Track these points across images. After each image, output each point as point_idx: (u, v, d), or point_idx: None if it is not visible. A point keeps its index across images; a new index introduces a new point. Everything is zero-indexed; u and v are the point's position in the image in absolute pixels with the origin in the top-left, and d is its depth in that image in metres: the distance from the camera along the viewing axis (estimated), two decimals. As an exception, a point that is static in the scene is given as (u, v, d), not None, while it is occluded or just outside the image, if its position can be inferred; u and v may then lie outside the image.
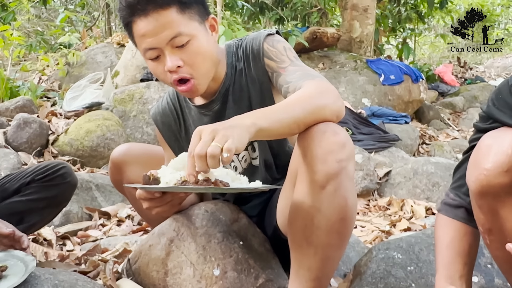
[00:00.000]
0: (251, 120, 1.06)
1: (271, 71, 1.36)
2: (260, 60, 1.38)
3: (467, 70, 10.06)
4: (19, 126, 3.47)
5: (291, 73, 1.30)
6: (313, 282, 1.20)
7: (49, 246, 2.02)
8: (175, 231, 1.44)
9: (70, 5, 9.58)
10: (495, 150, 0.91)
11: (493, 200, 0.94)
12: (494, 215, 0.96)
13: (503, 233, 0.96)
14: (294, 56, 1.37)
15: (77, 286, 1.26)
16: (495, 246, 1.01)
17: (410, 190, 3.16)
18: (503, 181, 0.91)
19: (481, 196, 0.95)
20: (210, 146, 0.96)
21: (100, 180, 2.80)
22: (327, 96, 1.20)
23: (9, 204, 1.64)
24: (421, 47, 12.45)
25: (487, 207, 0.96)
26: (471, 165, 0.97)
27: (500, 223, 0.96)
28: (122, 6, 1.27)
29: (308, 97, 1.17)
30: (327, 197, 1.13)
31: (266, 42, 1.38)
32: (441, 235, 1.11)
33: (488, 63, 11.99)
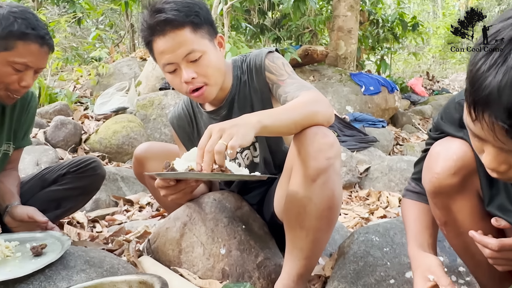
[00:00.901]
0: (257, 118, 1.07)
1: (271, 83, 1.37)
2: (262, 73, 1.38)
3: (434, 83, 10.06)
4: (57, 127, 3.47)
5: (289, 85, 1.31)
6: (304, 260, 1.20)
7: (82, 228, 2.02)
8: (188, 216, 1.44)
9: (100, 25, 9.57)
10: (443, 157, 0.92)
11: (445, 198, 0.95)
12: (447, 210, 0.97)
13: (457, 224, 0.97)
14: (291, 70, 1.37)
15: (105, 261, 1.26)
16: (451, 235, 1.02)
17: (386, 183, 3.17)
18: (452, 182, 0.92)
19: (435, 195, 0.96)
20: (217, 144, 0.97)
21: (124, 173, 2.80)
22: (320, 104, 1.20)
23: (48, 192, 1.65)
24: (396, 63, 12.44)
25: (441, 204, 0.96)
26: (425, 170, 0.98)
27: (453, 216, 0.96)
28: (143, 28, 1.28)
29: (304, 104, 1.18)
30: (317, 189, 1.14)
31: (267, 58, 1.38)
32: (408, 213, 1.11)
33: (452, 77, 11.99)
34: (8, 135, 1.53)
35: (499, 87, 0.60)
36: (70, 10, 7.02)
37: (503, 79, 0.59)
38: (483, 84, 0.61)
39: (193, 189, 1.33)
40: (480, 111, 0.64)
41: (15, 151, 1.59)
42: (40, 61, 1.37)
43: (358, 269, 1.33)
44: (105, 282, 1.02)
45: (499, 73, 0.60)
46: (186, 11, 1.24)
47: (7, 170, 1.60)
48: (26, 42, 1.30)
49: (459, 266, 1.32)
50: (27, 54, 1.31)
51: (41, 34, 1.33)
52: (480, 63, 0.63)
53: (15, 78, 1.33)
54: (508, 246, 0.84)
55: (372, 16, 7.64)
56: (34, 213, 1.42)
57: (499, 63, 0.60)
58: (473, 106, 0.65)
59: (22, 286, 1.08)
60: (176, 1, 1.25)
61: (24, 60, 1.31)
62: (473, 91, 0.64)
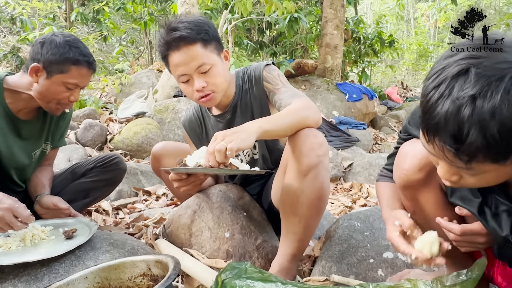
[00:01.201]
0: (259, 124, 1.09)
1: (268, 91, 1.37)
2: (260, 83, 1.38)
3: (408, 91, 10.04)
4: (86, 128, 3.46)
5: (283, 93, 1.31)
6: (297, 242, 1.20)
7: (107, 215, 2.02)
8: (197, 205, 1.44)
9: (123, 41, 9.56)
10: (410, 155, 0.92)
11: (413, 191, 0.95)
12: (415, 201, 0.97)
13: (424, 213, 0.97)
14: (285, 80, 1.38)
15: (127, 244, 1.26)
16: (420, 222, 1.01)
17: (367, 177, 3.16)
18: (418, 177, 0.92)
19: (404, 188, 0.96)
20: (217, 144, 0.99)
21: (143, 168, 2.80)
22: (310, 110, 1.21)
23: (78, 184, 1.65)
24: (375, 74, 12.42)
25: (410, 196, 0.97)
26: (395, 167, 0.98)
27: (421, 206, 0.97)
28: (161, 43, 1.28)
29: (296, 110, 1.19)
30: (308, 182, 1.14)
31: (265, 70, 1.38)
32: (382, 189, 1.11)
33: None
34: (47, 136, 1.54)
35: (445, 117, 0.61)
36: (97, 29, 7.00)
37: (449, 109, 0.60)
38: (433, 114, 0.63)
39: (201, 182, 1.33)
40: (432, 136, 0.65)
41: (52, 150, 1.60)
42: (86, 81, 1.42)
43: (342, 250, 1.33)
44: (127, 261, 1.01)
45: (445, 104, 0.61)
46: (198, 29, 1.24)
47: (43, 165, 1.60)
48: (79, 66, 1.35)
49: (429, 247, 1.32)
50: (78, 76, 1.36)
51: (90, 61, 1.38)
52: (430, 94, 0.63)
53: (66, 95, 1.37)
54: (469, 231, 0.85)
55: (355, 34, 7.63)
56: (59, 201, 1.43)
57: (445, 96, 0.61)
58: (426, 131, 0.66)
59: (56, 264, 1.08)
60: (188, 21, 1.25)
61: (76, 81, 1.36)
62: (425, 118, 0.65)
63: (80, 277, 0.97)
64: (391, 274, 1.23)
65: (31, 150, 1.48)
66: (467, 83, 0.60)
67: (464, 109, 0.59)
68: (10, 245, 1.16)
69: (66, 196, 1.57)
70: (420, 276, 1.14)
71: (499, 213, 0.81)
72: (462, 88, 0.60)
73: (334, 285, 1.20)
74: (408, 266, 1.26)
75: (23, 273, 1.05)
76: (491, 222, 0.82)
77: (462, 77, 0.61)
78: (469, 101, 0.59)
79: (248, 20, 5.90)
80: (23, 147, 1.45)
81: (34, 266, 1.06)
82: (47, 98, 1.37)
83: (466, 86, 0.60)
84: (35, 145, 1.50)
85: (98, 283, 0.98)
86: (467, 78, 0.60)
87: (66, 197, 1.56)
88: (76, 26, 7.97)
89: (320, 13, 6.66)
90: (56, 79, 1.34)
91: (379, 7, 17.31)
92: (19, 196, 1.51)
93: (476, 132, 0.59)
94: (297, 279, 1.27)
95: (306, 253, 1.43)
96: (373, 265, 1.26)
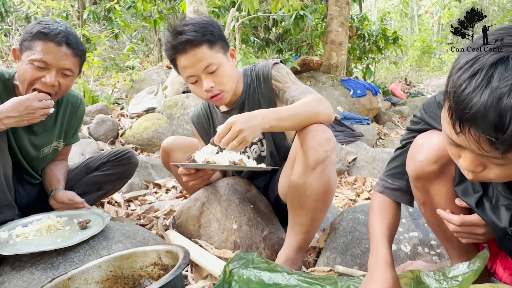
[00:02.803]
0: (269, 119, 1.11)
1: (277, 89, 1.35)
2: (268, 81, 1.37)
3: (411, 87, 9.94)
4: (98, 123, 3.48)
5: (293, 90, 1.30)
6: (303, 234, 1.20)
7: (119, 207, 2.04)
8: (206, 197, 1.44)
9: (133, 39, 9.57)
10: (426, 147, 0.91)
11: (425, 182, 0.94)
12: (426, 192, 0.96)
13: (433, 204, 0.96)
14: (294, 78, 1.36)
15: (138, 234, 1.27)
16: (428, 214, 1.01)
17: (370, 171, 3.14)
18: (432, 169, 0.90)
19: (417, 179, 0.95)
20: (231, 144, 1.04)
21: (154, 161, 2.81)
22: (321, 106, 1.20)
23: (92, 177, 1.66)
24: (379, 71, 12.30)
25: (421, 187, 0.95)
26: (409, 158, 0.96)
27: (431, 197, 0.96)
28: (168, 48, 1.27)
29: (308, 104, 1.18)
30: (316, 176, 1.13)
31: (273, 69, 1.37)
32: (373, 213, 1.04)
33: (426, 82, 11.82)
34: (59, 134, 1.53)
35: (485, 106, 0.58)
36: (108, 27, 7.01)
37: (489, 99, 0.58)
38: (470, 104, 0.60)
39: (209, 176, 1.34)
40: (466, 127, 0.62)
41: (65, 146, 1.60)
42: (59, 60, 1.26)
43: (346, 242, 1.32)
44: (138, 251, 1.02)
45: (484, 94, 0.58)
46: (203, 31, 1.22)
47: (57, 160, 1.61)
48: (44, 41, 1.24)
49: (431, 240, 1.32)
50: (43, 51, 1.24)
51: (59, 36, 1.24)
52: (464, 85, 0.61)
53: (37, 75, 1.25)
54: (468, 222, 0.85)
55: (359, 31, 7.55)
56: (73, 196, 1.44)
57: (482, 86, 0.59)
58: (459, 122, 0.63)
59: (71, 253, 1.10)
60: (193, 23, 1.24)
61: (40, 57, 1.23)
62: (460, 109, 0.62)
63: (94, 265, 0.98)
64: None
65: (41, 145, 1.47)
66: (508, 71, 0.58)
67: (506, 98, 0.57)
68: (27, 235, 1.17)
69: (81, 189, 1.59)
70: (423, 267, 1.14)
71: (499, 206, 0.80)
72: (503, 76, 0.58)
73: (339, 275, 1.21)
74: (410, 258, 1.26)
75: (40, 262, 1.06)
76: (490, 214, 0.81)
77: (501, 65, 0.59)
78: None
79: (255, 18, 5.86)
80: (33, 142, 1.44)
81: (50, 255, 1.08)
82: (22, 83, 1.27)
83: (507, 73, 0.58)
84: (45, 141, 1.49)
85: (111, 271, 1.00)
86: (507, 66, 0.58)
87: (81, 190, 1.58)
88: (88, 24, 7.99)
89: (325, 11, 6.60)
90: (25, 57, 1.25)
91: (383, 4, 17.11)
92: (35, 188, 1.53)
93: None
94: (302, 269, 1.27)
95: (311, 244, 1.43)
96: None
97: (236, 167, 1.13)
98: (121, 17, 7.19)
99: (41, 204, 1.50)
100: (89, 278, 0.96)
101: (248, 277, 1.01)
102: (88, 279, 0.96)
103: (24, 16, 7.04)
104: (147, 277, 1.01)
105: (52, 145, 1.52)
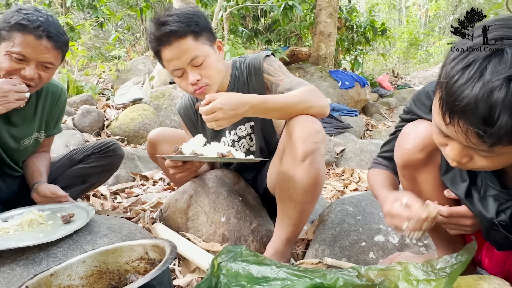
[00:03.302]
0: (259, 106, 1.11)
1: (270, 83, 1.32)
2: (260, 75, 1.33)
3: (399, 79, 10.02)
4: (83, 114, 3.41)
5: (287, 83, 1.27)
6: (292, 227, 1.20)
7: (105, 199, 2.00)
8: (194, 190, 1.42)
9: (119, 28, 9.36)
10: (413, 136, 0.91)
11: (413, 171, 0.94)
12: (413, 181, 0.96)
13: (420, 193, 0.96)
14: (286, 71, 1.34)
15: (124, 228, 1.24)
16: None
17: (358, 162, 3.16)
18: (419, 157, 0.90)
19: (404, 168, 0.95)
20: (209, 124, 1.07)
21: (140, 153, 2.77)
22: (315, 98, 1.18)
23: (76, 170, 1.62)
24: (367, 62, 12.35)
25: (409, 175, 0.96)
26: (397, 147, 0.96)
27: (418, 186, 0.96)
28: (151, 39, 1.23)
29: (300, 95, 1.17)
30: (305, 168, 1.12)
31: (265, 62, 1.34)
32: (375, 175, 1.09)
33: (413, 74, 11.94)
34: (39, 124, 1.48)
35: (476, 99, 0.57)
36: (93, 15, 6.83)
37: (480, 92, 0.57)
38: (461, 96, 0.59)
39: (197, 169, 1.32)
40: (456, 118, 0.62)
41: (46, 138, 1.55)
42: (38, 54, 1.21)
43: (335, 233, 1.32)
44: (124, 245, 1.00)
45: (476, 86, 0.57)
46: (187, 21, 1.18)
47: (39, 152, 1.56)
48: (23, 33, 1.18)
49: (419, 231, 1.32)
50: (22, 44, 1.18)
51: (40, 29, 1.18)
52: (457, 77, 0.60)
53: (15, 67, 1.20)
54: (456, 213, 0.85)
55: (348, 22, 7.54)
56: (56, 189, 1.39)
57: (475, 78, 0.58)
58: (449, 113, 0.63)
59: (54, 248, 1.07)
60: (177, 13, 1.20)
61: (19, 50, 1.18)
62: (450, 101, 0.61)
63: (78, 261, 0.95)
64: (382, 257, 1.23)
65: (20, 136, 1.42)
66: (502, 64, 0.57)
67: (497, 92, 0.56)
68: (8, 229, 1.14)
69: (64, 182, 1.55)
70: (410, 259, 1.14)
71: (487, 197, 0.81)
72: (496, 70, 0.57)
73: (327, 267, 1.21)
74: (398, 249, 1.26)
75: (21, 257, 1.03)
76: (477, 205, 0.81)
77: (495, 58, 0.58)
78: (504, 83, 0.56)
79: (243, 8, 5.78)
80: (12, 133, 1.39)
81: (32, 251, 1.05)
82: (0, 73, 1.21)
83: (501, 67, 0.57)
84: (25, 133, 1.43)
85: (96, 267, 0.97)
86: (501, 59, 0.57)
87: (64, 182, 1.53)
88: (72, 12, 7.77)
89: (314, 1, 6.56)
90: (2, 47, 1.19)
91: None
92: (16, 181, 1.49)
93: (507, 115, 0.56)
94: (291, 262, 1.27)
95: (300, 236, 1.43)
96: (365, 248, 1.26)
97: (224, 159, 1.11)
98: (106, 5, 7.01)
99: (23, 197, 1.45)
100: (72, 273, 0.94)
101: (237, 271, 1.00)
102: (72, 274, 0.94)
103: (4, 3, 6.81)
104: (133, 272, 0.98)
105: (33, 137, 1.47)
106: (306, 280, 0.93)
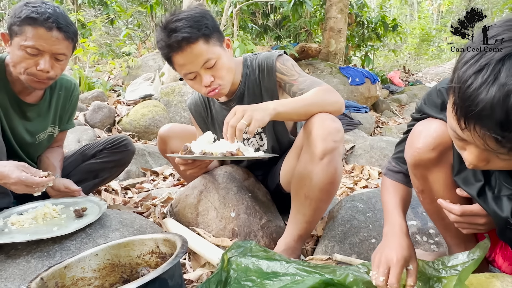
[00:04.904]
0: (274, 106, 1.08)
1: (283, 83, 1.32)
2: (272, 74, 1.33)
3: (410, 75, 9.90)
4: (94, 110, 3.45)
5: (301, 83, 1.27)
6: (305, 224, 1.20)
7: (116, 194, 2.03)
8: (204, 185, 1.43)
9: (130, 25, 9.43)
10: (424, 134, 0.89)
11: (424, 170, 0.93)
12: (424, 180, 0.95)
13: (432, 192, 0.95)
14: (300, 70, 1.33)
15: (135, 222, 1.26)
16: (427, 202, 1.00)
17: (368, 159, 3.14)
18: (430, 156, 0.89)
19: (415, 167, 0.94)
20: (239, 123, 1.00)
21: (151, 149, 2.79)
22: (330, 97, 1.18)
23: (88, 165, 1.64)
24: (378, 58, 12.22)
25: (420, 174, 0.94)
26: (408, 146, 0.95)
27: (429, 185, 0.95)
28: (162, 46, 1.21)
29: (316, 95, 1.16)
30: (323, 166, 1.12)
31: (278, 61, 1.33)
32: (386, 192, 1.06)
33: (425, 71, 11.77)
34: (53, 119, 1.51)
35: (491, 103, 0.56)
36: (104, 12, 6.89)
37: (496, 96, 0.55)
38: (475, 101, 0.57)
39: (207, 165, 1.32)
40: (472, 124, 0.60)
41: (60, 132, 1.58)
42: (51, 45, 1.22)
43: (345, 230, 1.32)
44: (136, 239, 1.01)
45: (491, 90, 0.56)
46: (197, 25, 1.17)
47: (53, 147, 1.59)
48: (34, 27, 1.20)
49: (430, 228, 1.31)
50: (34, 38, 1.20)
51: (49, 21, 1.19)
52: (470, 81, 0.58)
53: (30, 62, 1.23)
54: (469, 212, 0.84)
55: (359, 18, 7.47)
56: (69, 184, 1.42)
57: (490, 81, 0.56)
58: (464, 118, 0.61)
59: (67, 241, 1.09)
60: (186, 17, 1.18)
61: (32, 44, 1.20)
62: (465, 106, 0.59)
63: (91, 254, 0.97)
64: (392, 254, 1.22)
65: (35, 131, 1.45)
66: None
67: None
68: (23, 222, 1.16)
69: (77, 176, 1.57)
70: (422, 256, 1.13)
71: (501, 197, 0.80)
72: (511, 72, 0.55)
73: (337, 264, 1.20)
74: (409, 246, 1.25)
75: (36, 250, 1.05)
76: (491, 204, 0.80)
77: (509, 60, 0.56)
78: None
79: (253, 4, 5.77)
80: (27, 128, 1.42)
81: (46, 243, 1.07)
82: (15, 68, 1.24)
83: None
84: (40, 127, 1.47)
85: (108, 260, 0.99)
86: None
87: (77, 177, 1.56)
88: (84, 9, 7.84)
89: (324, -3, 6.51)
90: (15, 42, 1.21)
91: (383, -9, 16.87)
92: (31, 175, 1.51)
93: None
94: (300, 258, 1.27)
95: (309, 232, 1.43)
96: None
97: (234, 158, 1.11)
98: (117, 2, 7.07)
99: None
100: (86, 266, 0.95)
101: (247, 266, 1.01)
102: (85, 267, 0.95)
103: (18, 0, 6.90)
104: (144, 266, 1.00)
105: (47, 131, 1.50)
106: (316, 275, 0.93)
